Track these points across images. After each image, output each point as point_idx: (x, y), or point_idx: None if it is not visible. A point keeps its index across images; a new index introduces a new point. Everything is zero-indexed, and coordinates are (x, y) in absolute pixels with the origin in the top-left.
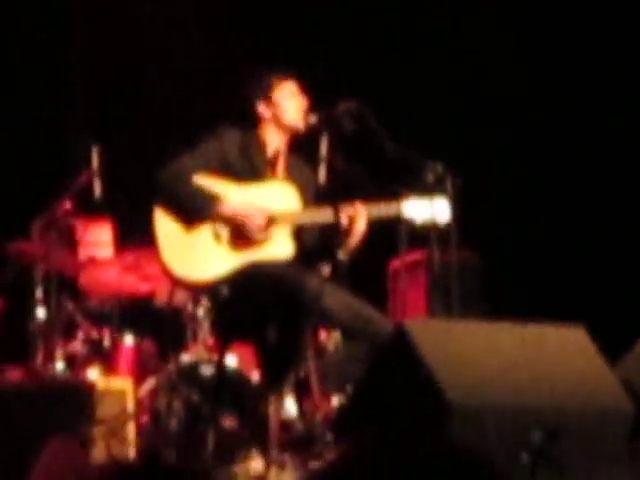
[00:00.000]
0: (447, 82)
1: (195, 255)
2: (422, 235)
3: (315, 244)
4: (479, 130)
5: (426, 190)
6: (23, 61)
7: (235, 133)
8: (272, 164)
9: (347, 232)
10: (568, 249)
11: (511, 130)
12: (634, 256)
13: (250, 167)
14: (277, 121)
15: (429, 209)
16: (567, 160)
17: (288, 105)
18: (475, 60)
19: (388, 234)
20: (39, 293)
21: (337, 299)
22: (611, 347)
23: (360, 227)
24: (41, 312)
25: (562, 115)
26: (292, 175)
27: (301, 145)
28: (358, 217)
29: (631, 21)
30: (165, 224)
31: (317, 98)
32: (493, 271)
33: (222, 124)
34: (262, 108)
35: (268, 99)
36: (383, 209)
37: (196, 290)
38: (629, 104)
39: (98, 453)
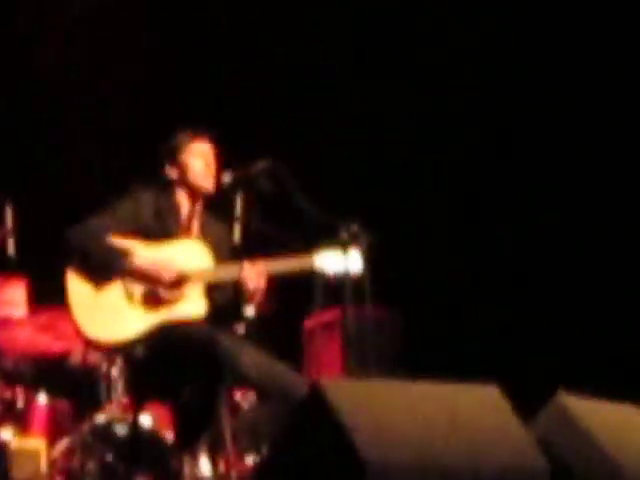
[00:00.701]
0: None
1: (107, 316)
2: (336, 289)
3: (227, 302)
4: (396, 187)
5: (339, 244)
6: None
7: (150, 195)
8: (186, 226)
9: (245, 290)
10: (482, 305)
11: (425, 186)
12: (552, 314)
13: (164, 229)
14: (185, 183)
15: (342, 261)
16: (486, 212)
17: (194, 166)
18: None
19: (304, 293)
20: None
21: (252, 359)
22: (525, 406)
23: (258, 285)
24: None
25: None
26: (206, 234)
27: (217, 204)
28: (255, 275)
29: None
30: (77, 285)
31: (233, 156)
32: (409, 328)
33: (137, 185)
34: (169, 170)
35: (174, 160)
36: (296, 262)
37: (110, 351)
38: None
39: None
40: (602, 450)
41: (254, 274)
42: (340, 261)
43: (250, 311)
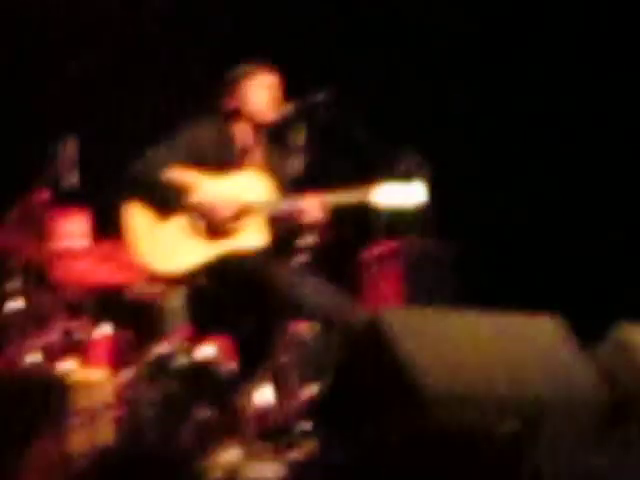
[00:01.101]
0: (421, 71)
1: (167, 247)
2: (398, 221)
3: (288, 234)
4: (454, 121)
5: (401, 176)
6: None
7: (208, 127)
8: (244, 156)
9: (307, 222)
10: (543, 239)
11: (486, 120)
12: (609, 247)
13: (223, 159)
14: (245, 114)
15: (402, 193)
16: (539, 152)
17: (254, 97)
18: (447, 47)
19: (364, 223)
20: (15, 284)
21: (311, 290)
22: (586, 335)
23: (318, 217)
24: (17, 303)
25: (537, 105)
26: (268, 166)
27: (278, 135)
28: (310, 209)
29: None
30: (139, 216)
31: (293, 87)
32: (467, 260)
33: (197, 118)
34: (229, 102)
35: (234, 92)
36: (354, 195)
37: (172, 282)
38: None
39: (76, 444)
40: None
41: (315, 207)
42: (402, 193)
43: (310, 240)
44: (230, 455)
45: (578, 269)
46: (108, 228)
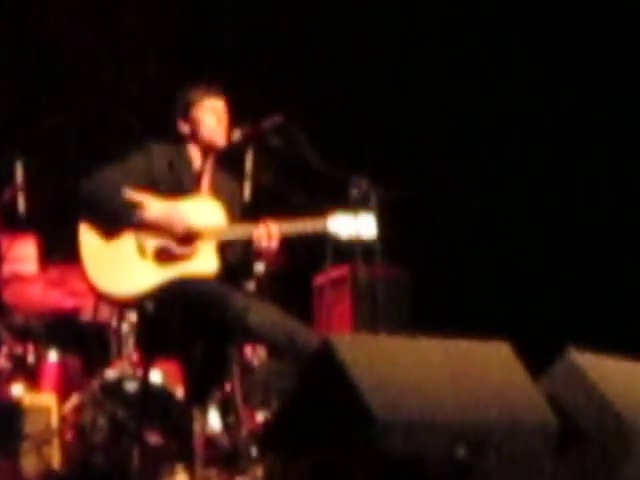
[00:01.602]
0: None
1: (120, 270)
2: (348, 250)
3: (238, 260)
4: (412, 144)
5: (352, 205)
6: None
7: (164, 149)
8: (197, 181)
9: (256, 250)
10: (493, 265)
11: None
12: (559, 272)
13: (177, 183)
14: (196, 138)
15: (355, 224)
16: (491, 174)
17: (206, 121)
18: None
19: (314, 249)
20: None
21: (262, 315)
22: (534, 363)
23: (271, 245)
24: None
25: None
26: (218, 191)
27: (227, 161)
28: (268, 236)
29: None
30: (90, 239)
31: (243, 113)
32: (419, 286)
33: (151, 140)
34: (181, 125)
35: (187, 116)
36: (309, 225)
37: (121, 305)
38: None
39: (25, 468)
40: (610, 405)
41: (267, 235)
42: (354, 225)
43: (260, 267)
44: None
45: (528, 295)
46: (56, 252)
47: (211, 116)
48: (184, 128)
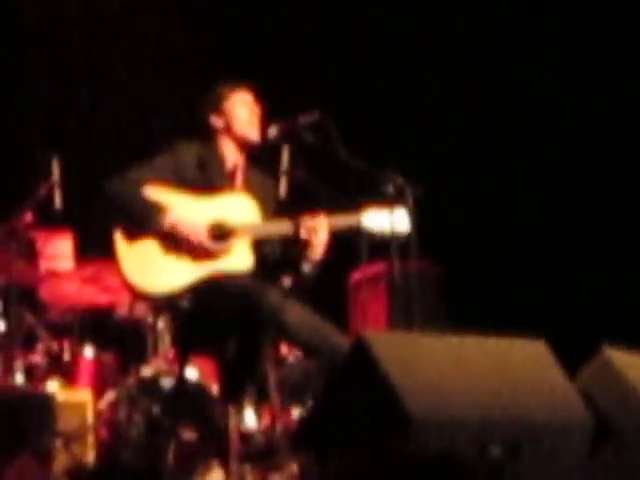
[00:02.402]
0: (408, 92)
1: (155, 268)
2: (382, 246)
3: (276, 256)
4: (442, 140)
5: (386, 201)
6: None
7: (192, 147)
8: (230, 177)
9: (308, 244)
10: (529, 262)
11: (474, 141)
12: (597, 268)
13: (208, 180)
14: (230, 132)
15: (388, 220)
16: (529, 169)
17: (239, 114)
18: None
19: (348, 246)
20: None
21: (296, 315)
22: (571, 360)
23: (321, 238)
24: (1, 324)
25: (527, 126)
26: (252, 188)
27: (262, 157)
28: (319, 228)
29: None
30: (125, 237)
31: (277, 109)
32: (454, 282)
33: (179, 139)
34: (214, 119)
35: (219, 110)
36: (342, 220)
37: (156, 302)
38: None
39: (58, 465)
40: None
41: (317, 227)
42: (388, 220)
43: (307, 267)
44: (213, 477)
45: (563, 293)
46: (91, 249)
47: (243, 109)
48: (217, 122)
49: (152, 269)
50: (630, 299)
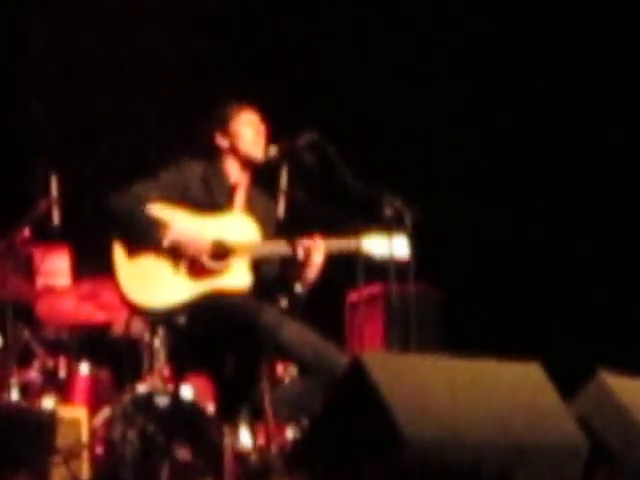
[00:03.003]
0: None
1: (153, 283)
2: (380, 269)
3: (273, 276)
4: (439, 162)
5: (385, 225)
6: None
7: (197, 165)
8: (232, 196)
9: (304, 265)
10: (525, 286)
11: (470, 162)
12: (593, 292)
13: (211, 198)
14: (235, 151)
15: (388, 246)
16: (523, 197)
17: (245, 134)
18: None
19: (346, 267)
20: None
21: (294, 333)
22: (566, 383)
23: (317, 260)
24: None
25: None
26: (252, 207)
27: (261, 177)
28: (315, 250)
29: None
30: (123, 252)
31: (277, 129)
32: (451, 305)
33: (184, 156)
34: (220, 139)
35: (225, 129)
36: (343, 244)
37: (153, 318)
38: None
39: None
40: None
41: (313, 249)
42: (387, 246)
43: (299, 288)
44: None
45: (560, 317)
46: (88, 266)
47: (249, 129)
48: (222, 142)
49: (150, 285)
50: (626, 322)
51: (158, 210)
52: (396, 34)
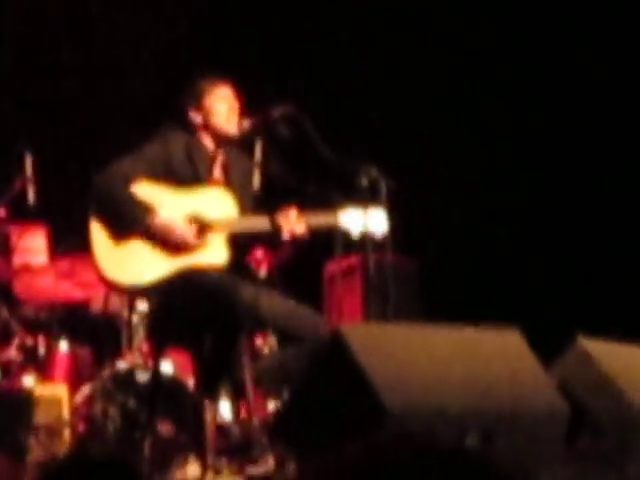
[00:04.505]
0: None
1: (130, 260)
2: (358, 242)
3: (249, 250)
4: (415, 132)
5: (362, 198)
6: None
7: (180, 138)
8: (211, 169)
9: (282, 241)
10: (503, 252)
11: (447, 132)
12: (570, 256)
13: (194, 173)
14: (208, 127)
15: (366, 220)
16: (504, 162)
17: (219, 110)
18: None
19: (324, 239)
20: None
21: (271, 304)
22: (545, 349)
23: (300, 230)
24: None
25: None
26: (230, 180)
27: (238, 148)
28: (295, 224)
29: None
30: (101, 230)
31: (251, 102)
32: (429, 274)
33: (167, 126)
34: (193, 114)
35: (199, 105)
36: (321, 219)
37: (130, 295)
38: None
39: (34, 460)
40: (621, 393)
41: (297, 222)
42: (365, 220)
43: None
44: (190, 471)
45: (538, 283)
46: (65, 244)
47: (223, 104)
48: (196, 118)
49: (127, 261)
50: (605, 287)
51: (142, 190)
52: (379, 5)
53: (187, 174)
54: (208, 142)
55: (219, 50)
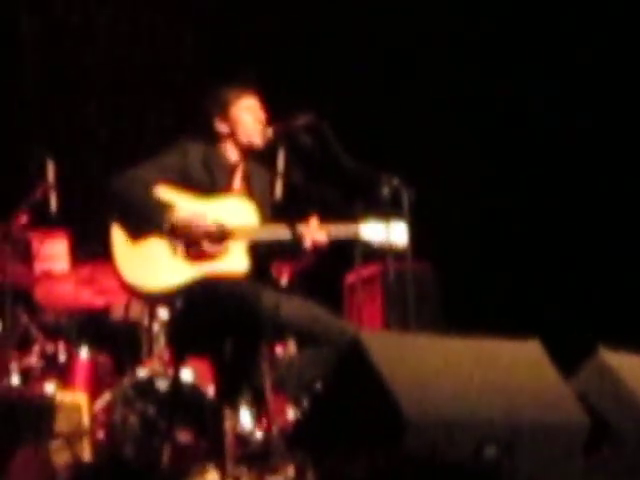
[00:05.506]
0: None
1: (150, 266)
2: (378, 252)
3: (270, 259)
4: (434, 140)
5: (383, 209)
6: None
7: (198, 147)
8: (231, 177)
9: (303, 250)
10: (524, 263)
11: (467, 140)
12: (591, 269)
13: (211, 182)
14: (235, 137)
15: (386, 232)
16: (521, 171)
17: (245, 120)
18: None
19: (343, 248)
20: None
21: (293, 309)
22: (566, 361)
23: (321, 238)
24: None
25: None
26: (250, 188)
27: (258, 159)
28: (315, 232)
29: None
30: (122, 235)
31: (274, 111)
32: (449, 283)
33: (185, 137)
34: (219, 124)
35: (225, 115)
36: (342, 230)
37: (150, 301)
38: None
39: (58, 462)
40: None
41: (319, 232)
42: (386, 233)
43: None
44: (209, 479)
45: (559, 294)
46: (86, 250)
47: (249, 115)
48: (222, 127)
49: (147, 268)
50: (626, 300)
51: (161, 192)
52: (395, 15)
53: (205, 183)
54: (231, 152)
55: (235, 57)
